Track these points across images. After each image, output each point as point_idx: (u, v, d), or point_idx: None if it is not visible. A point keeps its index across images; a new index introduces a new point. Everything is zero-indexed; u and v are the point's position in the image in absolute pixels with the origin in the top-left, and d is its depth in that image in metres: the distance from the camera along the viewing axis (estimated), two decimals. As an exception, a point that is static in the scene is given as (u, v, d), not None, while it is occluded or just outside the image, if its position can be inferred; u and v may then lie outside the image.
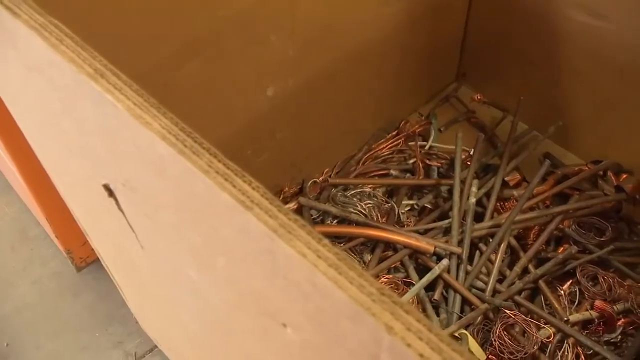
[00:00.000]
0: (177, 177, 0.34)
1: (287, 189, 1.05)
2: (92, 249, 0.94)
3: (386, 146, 1.13)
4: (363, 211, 0.98)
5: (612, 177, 1.08)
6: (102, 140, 0.41)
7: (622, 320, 0.93)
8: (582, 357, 0.89)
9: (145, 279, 0.64)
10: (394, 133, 1.16)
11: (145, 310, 0.90)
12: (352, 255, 0.95)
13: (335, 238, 0.97)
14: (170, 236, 0.44)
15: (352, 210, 0.97)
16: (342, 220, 0.98)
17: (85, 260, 1.08)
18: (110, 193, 0.48)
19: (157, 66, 0.76)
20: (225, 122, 0.89)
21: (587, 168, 1.10)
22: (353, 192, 1.01)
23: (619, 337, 0.93)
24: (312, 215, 0.98)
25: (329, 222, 0.98)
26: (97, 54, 0.35)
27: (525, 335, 0.89)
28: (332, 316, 0.28)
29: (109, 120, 0.36)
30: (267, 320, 0.38)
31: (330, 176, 1.08)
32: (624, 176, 1.09)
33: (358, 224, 0.96)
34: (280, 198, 1.04)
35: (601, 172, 1.10)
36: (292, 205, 1.02)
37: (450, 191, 1.04)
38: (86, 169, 0.51)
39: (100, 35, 0.65)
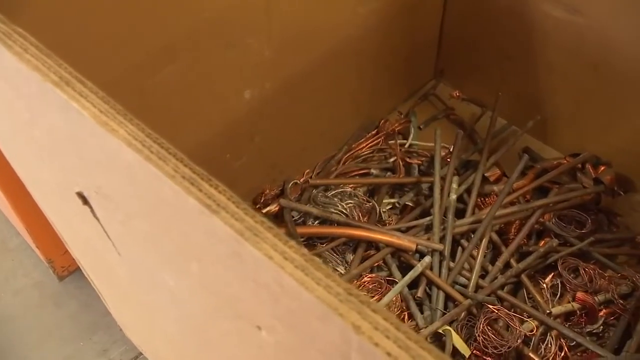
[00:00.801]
0: (146, 183, 0.33)
1: (268, 191, 1.05)
2: (73, 258, 0.93)
3: (366, 145, 1.13)
4: (344, 211, 0.98)
5: (591, 170, 1.09)
6: (72, 148, 0.41)
7: (604, 310, 0.94)
8: (565, 348, 0.90)
9: (125, 285, 0.64)
10: (373, 132, 1.16)
11: (128, 317, 0.89)
12: (334, 256, 0.95)
13: (318, 239, 0.97)
14: (145, 243, 0.44)
15: (333, 210, 0.98)
16: (324, 221, 0.98)
17: (67, 269, 1.07)
18: (85, 201, 0.47)
19: (133, 72, 0.76)
20: (203, 127, 0.89)
21: (565, 161, 1.11)
22: (334, 192, 1.01)
23: (601, 327, 0.94)
24: (293, 217, 0.98)
25: (310, 223, 0.98)
26: (62, 62, 0.35)
27: (509, 329, 0.89)
28: (302, 317, 0.28)
29: (76, 128, 0.36)
30: (242, 323, 0.38)
31: (311, 177, 1.08)
32: (602, 168, 1.10)
33: (339, 224, 0.96)
34: (262, 200, 1.04)
35: (580, 165, 1.11)
36: (274, 207, 1.01)
37: (431, 188, 1.04)
38: (60, 177, 0.51)
39: (74, 41, 0.65)
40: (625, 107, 1.06)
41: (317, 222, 0.98)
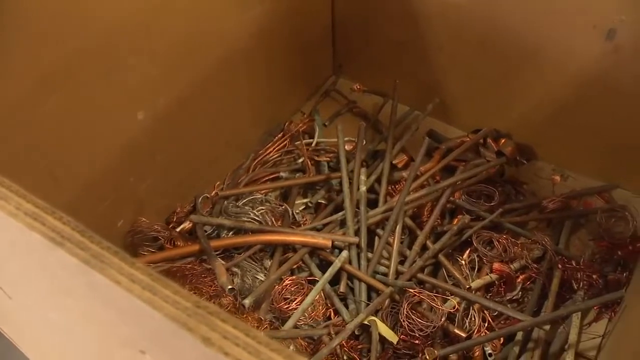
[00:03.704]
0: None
1: (179, 208, 1.03)
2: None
3: (273, 149, 1.13)
4: (257, 218, 0.97)
5: (492, 144, 1.12)
6: None
7: (520, 277, 0.97)
8: (489, 318, 0.92)
9: (25, 331, 0.62)
10: (279, 135, 1.16)
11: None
12: (252, 264, 0.94)
13: (234, 249, 0.96)
14: (23, 285, 0.42)
15: (245, 219, 0.97)
16: (238, 231, 0.97)
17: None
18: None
19: (15, 106, 0.73)
20: (100, 154, 0.87)
21: (468, 139, 1.14)
22: (245, 200, 1.01)
23: (520, 293, 0.97)
24: (206, 231, 0.97)
25: (225, 234, 0.97)
26: None
27: (432, 310, 0.91)
28: (164, 337, 0.28)
29: None
30: (129, 350, 0.37)
31: (221, 189, 1.07)
32: (503, 141, 1.13)
33: (253, 231, 0.96)
34: (175, 219, 1.02)
35: (482, 141, 1.14)
36: (187, 224, 1.00)
37: (341, 184, 1.05)
38: None
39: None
40: (515, 80, 1.09)
41: (231, 233, 0.98)
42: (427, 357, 0.86)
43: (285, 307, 0.90)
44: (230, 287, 0.86)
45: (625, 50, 0.93)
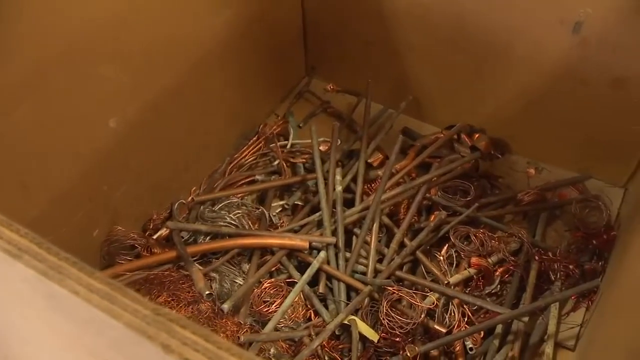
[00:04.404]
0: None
1: (156, 215, 1.03)
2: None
3: (248, 153, 1.13)
4: (233, 222, 0.97)
5: (466, 139, 1.13)
6: None
7: (499, 270, 0.98)
8: (468, 313, 0.92)
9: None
10: (254, 138, 1.16)
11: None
12: (231, 268, 0.94)
13: (212, 254, 0.96)
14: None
15: (222, 223, 0.97)
16: (215, 236, 0.97)
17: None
18: None
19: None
20: (72, 163, 0.86)
21: (442, 135, 1.14)
22: (221, 205, 1.00)
23: (498, 286, 0.98)
24: (183, 237, 0.97)
25: (201, 240, 0.97)
26: None
27: (412, 307, 0.91)
28: (127, 345, 0.28)
29: None
30: (97, 360, 0.37)
31: (198, 194, 1.06)
32: (477, 136, 1.14)
33: (230, 235, 0.95)
34: (151, 226, 1.02)
35: (456, 136, 1.14)
36: (164, 231, 1.00)
37: (317, 185, 1.05)
38: None
39: None
40: (487, 76, 1.10)
41: (208, 238, 0.97)
42: (408, 354, 0.86)
43: (265, 310, 0.90)
44: (208, 292, 0.86)
45: (592, 42, 0.94)
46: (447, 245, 1.01)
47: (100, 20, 0.81)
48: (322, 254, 0.94)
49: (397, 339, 0.88)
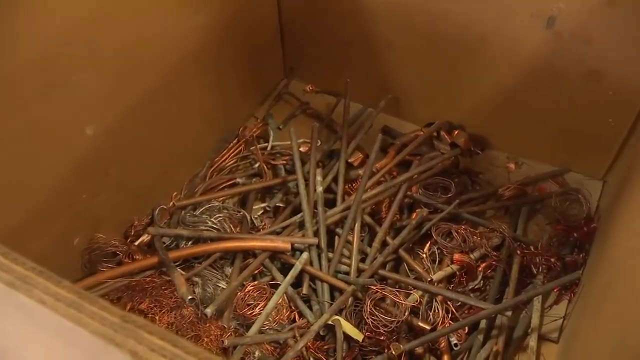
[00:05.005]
0: None
1: (137, 222, 1.02)
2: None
3: (229, 156, 1.12)
4: (215, 226, 0.97)
5: (446, 136, 1.14)
6: None
7: (481, 265, 0.98)
8: (452, 309, 0.93)
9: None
10: (234, 141, 1.16)
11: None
12: (213, 272, 0.94)
13: (194, 259, 0.95)
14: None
15: (203, 227, 0.96)
16: (197, 240, 0.97)
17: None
18: None
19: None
20: (48, 172, 0.85)
21: (422, 133, 1.15)
22: (202, 209, 1.00)
23: (481, 282, 0.98)
24: (165, 243, 0.96)
25: (183, 245, 0.97)
26: None
27: (396, 305, 0.91)
28: (96, 353, 0.28)
29: None
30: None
31: (179, 199, 1.06)
32: (456, 132, 1.14)
33: (212, 239, 0.95)
34: (132, 233, 1.01)
35: (435, 134, 1.15)
36: (145, 237, 0.99)
37: (298, 186, 1.05)
38: None
39: None
40: (464, 72, 1.11)
41: (190, 242, 0.97)
42: (393, 352, 0.86)
43: (249, 312, 0.90)
44: (190, 297, 0.85)
45: (565, 36, 0.95)
46: (429, 242, 1.01)
47: (71, 28, 0.80)
48: (305, 255, 0.94)
49: (382, 338, 0.89)
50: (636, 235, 0.74)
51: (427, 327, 0.89)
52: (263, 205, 1.06)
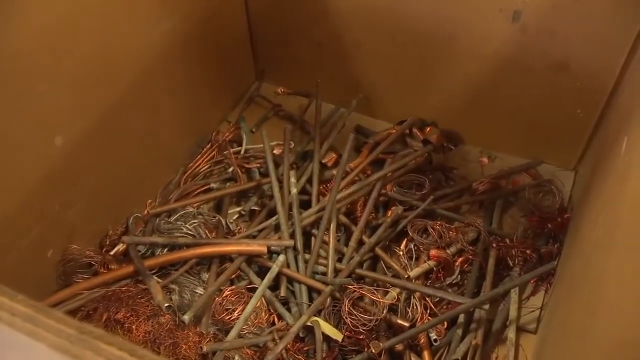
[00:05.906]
0: None
1: (112, 231, 1.01)
2: None
3: (202, 161, 1.12)
4: (190, 232, 0.96)
5: (418, 133, 1.14)
6: None
7: (458, 260, 0.99)
8: (430, 305, 0.93)
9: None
10: (207, 146, 1.15)
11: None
12: (190, 278, 0.93)
13: (170, 266, 0.95)
14: None
15: (178, 234, 0.96)
16: (173, 247, 0.96)
17: None
18: None
19: None
20: (18, 184, 0.84)
21: (394, 131, 1.15)
22: (177, 216, 0.99)
23: (459, 276, 0.99)
24: (140, 251, 0.96)
25: (159, 252, 0.96)
26: None
27: (374, 303, 0.91)
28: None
29: None
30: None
31: (154, 207, 1.05)
32: (429, 129, 1.15)
33: (188, 246, 0.95)
34: (107, 242, 1.00)
35: (408, 131, 1.15)
36: (120, 246, 0.98)
37: (272, 189, 1.05)
38: None
39: None
40: (434, 69, 1.11)
41: (166, 249, 0.96)
42: (373, 351, 0.86)
43: (227, 317, 0.89)
44: (167, 304, 0.85)
45: (531, 29, 0.96)
46: (405, 239, 1.01)
47: (34, 38, 0.79)
48: (281, 257, 0.94)
49: (361, 337, 0.89)
50: (602, 225, 0.75)
51: (406, 324, 0.90)
52: (238, 209, 1.06)
